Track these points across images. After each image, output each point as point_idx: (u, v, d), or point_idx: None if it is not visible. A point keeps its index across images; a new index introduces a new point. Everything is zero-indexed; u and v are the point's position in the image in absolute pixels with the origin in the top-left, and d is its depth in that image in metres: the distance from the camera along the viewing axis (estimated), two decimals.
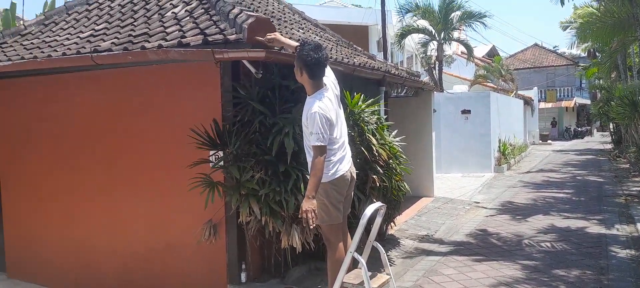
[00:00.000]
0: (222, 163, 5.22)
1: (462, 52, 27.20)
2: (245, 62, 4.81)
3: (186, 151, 5.39)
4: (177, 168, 5.62)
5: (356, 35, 15.95)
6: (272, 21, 5.35)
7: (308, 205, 3.91)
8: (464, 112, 16.17)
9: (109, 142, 6.12)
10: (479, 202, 11.11)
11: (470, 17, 20.56)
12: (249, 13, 4.87)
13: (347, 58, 7.12)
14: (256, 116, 5.16)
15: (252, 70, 4.93)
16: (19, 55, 5.93)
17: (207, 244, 5.40)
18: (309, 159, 4.14)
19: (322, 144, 3.99)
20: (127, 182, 6.07)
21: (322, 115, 3.98)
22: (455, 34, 22.44)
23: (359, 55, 9.41)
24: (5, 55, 6.13)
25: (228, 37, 4.68)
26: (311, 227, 4.01)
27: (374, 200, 5.73)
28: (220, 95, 5.42)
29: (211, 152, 5.39)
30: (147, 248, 5.97)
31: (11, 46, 6.71)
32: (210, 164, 5.32)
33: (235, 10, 5.10)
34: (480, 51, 35.78)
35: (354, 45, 10.45)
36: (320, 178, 4.00)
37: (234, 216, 5.32)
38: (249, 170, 5.04)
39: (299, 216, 4.02)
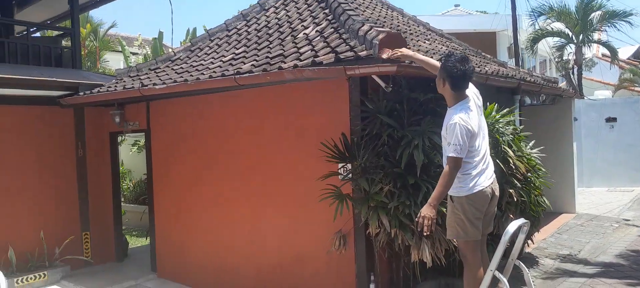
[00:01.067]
0: (350, 175, 5.34)
1: (603, 55, 24.65)
2: (374, 76, 4.89)
3: (317, 164, 5.62)
4: (308, 180, 5.87)
5: (483, 42, 15.32)
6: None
7: (427, 211, 3.86)
8: (609, 119, 14.60)
9: (248, 155, 6.59)
10: (629, 220, 9.92)
11: (613, 17, 18.56)
12: (379, 29, 4.95)
13: (478, 67, 6.87)
14: (384, 129, 5.19)
15: (382, 84, 4.99)
16: (171, 78, 6.67)
17: (336, 255, 5.54)
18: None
19: (458, 156, 3.89)
20: (263, 193, 6.47)
21: (462, 126, 3.89)
22: (595, 36, 20.41)
23: (489, 63, 9.02)
24: (159, 79, 6.94)
25: (359, 53, 4.79)
26: (425, 234, 3.94)
27: (511, 215, 5.43)
28: (348, 109, 5.56)
29: (340, 165, 5.54)
30: (280, 256, 6.29)
31: (164, 71, 7.58)
32: (340, 177, 5.46)
33: (365, 28, 5.21)
34: (625, 52, 32.09)
35: (482, 53, 10.04)
36: (446, 189, 3.93)
37: (363, 228, 5.39)
38: (377, 182, 5.08)
39: (415, 219, 3.97)
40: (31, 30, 9.92)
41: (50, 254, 7.83)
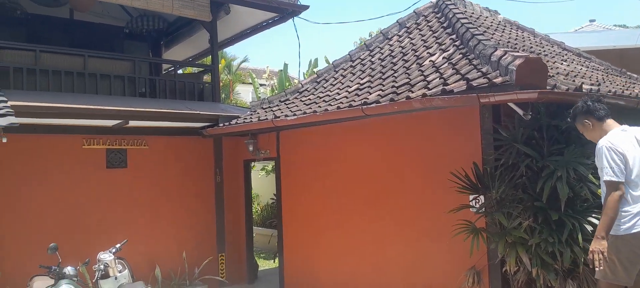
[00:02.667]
0: (484, 209, 5.08)
1: None
2: (511, 104, 4.64)
3: (445, 194, 5.44)
4: (435, 211, 5.72)
5: (626, 60, 13.78)
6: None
7: (596, 245, 3.63)
8: None
9: (373, 184, 6.62)
10: None
11: None
12: (515, 54, 4.71)
13: (626, 89, 6.20)
14: (521, 159, 4.87)
15: (520, 112, 4.72)
16: (301, 110, 6.97)
17: None
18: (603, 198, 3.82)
19: (613, 179, 3.64)
20: (388, 222, 6.43)
21: (609, 148, 3.71)
22: None
23: (636, 83, 8.11)
24: (289, 110, 7.29)
25: (493, 80, 4.59)
26: (597, 269, 3.67)
27: None
28: (480, 138, 5.34)
29: (472, 196, 5.31)
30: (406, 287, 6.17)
31: (293, 102, 7.96)
32: (473, 209, 5.22)
33: (498, 52, 4.99)
34: None
35: (628, 73, 9.06)
36: (612, 218, 3.64)
37: (498, 265, 5.08)
38: (515, 216, 4.77)
39: (588, 256, 3.75)
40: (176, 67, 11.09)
41: (191, 273, 8.51)
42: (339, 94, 6.94)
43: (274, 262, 11.16)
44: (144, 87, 8.76)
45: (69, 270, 5.68)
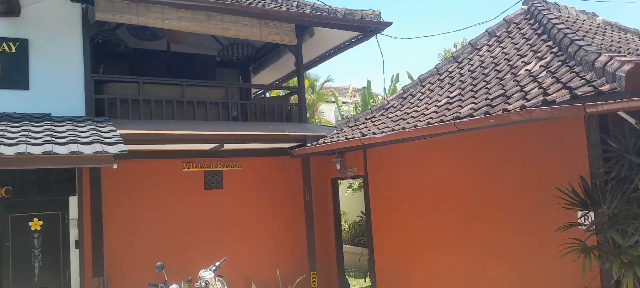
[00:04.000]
0: (594, 226, 4.70)
1: None
2: (621, 113, 4.28)
3: (549, 211, 5.13)
4: (539, 230, 5.39)
5: None
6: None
7: None
8: None
9: (467, 201, 6.38)
10: None
11: None
12: (622, 59, 4.35)
13: None
14: (635, 171, 4.47)
15: (631, 121, 4.34)
16: (388, 127, 6.92)
17: None
18: None
19: None
20: (485, 241, 6.15)
21: None
22: None
23: None
24: (377, 127, 7.27)
25: (600, 88, 4.27)
26: None
27: None
28: (587, 149, 4.98)
29: (580, 213, 4.94)
30: None
31: (379, 119, 7.93)
32: (582, 227, 4.85)
33: (603, 58, 4.64)
34: None
35: None
36: None
37: (614, 286, 4.66)
38: (631, 234, 4.37)
39: None
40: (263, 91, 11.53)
41: None
42: (428, 109, 6.81)
43: (365, 281, 11.08)
44: (236, 111, 9.18)
45: (174, 287, 6.03)
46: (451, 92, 6.96)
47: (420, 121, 6.29)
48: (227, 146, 8.07)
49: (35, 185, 6.95)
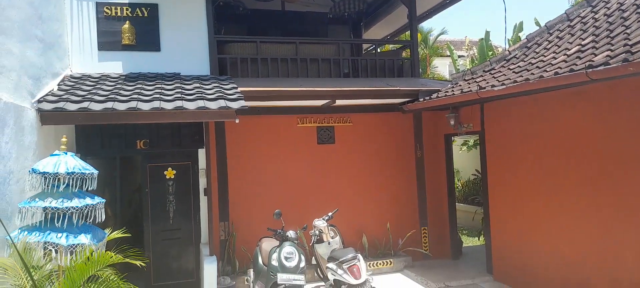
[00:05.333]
0: None
1: None
2: None
3: None
4: None
5: None
6: None
7: None
8: None
9: (598, 160, 5.81)
10: None
11: None
12: None
13: None
14: None
15: None
16: (509, 79, 6.48)
17: None
18: None
19: None
20: (618, 205, 5.58)
21: None
22: None
23: None
24: (496, 80, 6.84)
25: None
26: None
27: None
28: None
29: None
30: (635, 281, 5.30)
31: (499, 71, 7.44)
32: None
33: None
34: None
35: None
36: None
37: None
38: None
39: None
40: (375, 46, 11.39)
41: (394, 244, 8.77)
42: (556, 58, 6.23)
43: (478, 239, 10.78)
44: (348, 68, 9.22)
45: (290, 233, 6.38)
46: (583, 39, 6.28)
47: (547, 71, 5.79)
48: (339, 102, 8.17)
49: (169, 138, 7.69)
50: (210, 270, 6.61)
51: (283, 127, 8.50)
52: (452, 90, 7.63)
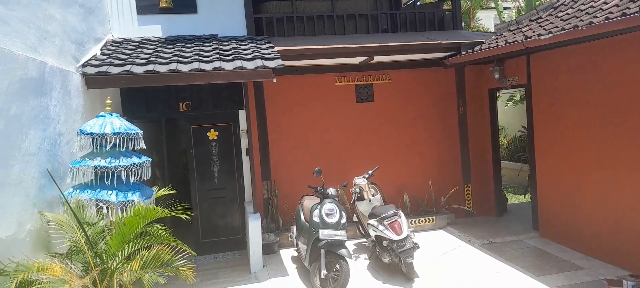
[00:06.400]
0: None
1: None
2: None
3: None
4: None
5: None
6: None
7: None
8: None
9: None
10: None
11: None
12: None
13: None
14: None
15: None
16: (557, 27, 6.14)
17: None
18: None
19: None
20: None
21: None
22: None
23: None
24: (543, 29, 6.51)
25: None
26: None
27: None
28: None
29: None
30: None
31: (546, 19, 7.07)
32: None
33: None
34: None
35: None
36: None
37: None
38: None
39: None
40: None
41: (437, 202, 8.69)
42: (607, 3, 5.84)
43: (524, 197, 10.53)
44: (386, 24, 8.99)
45: (331, 191, 6.42)
46: None
47: (597, 17, 5.45)
48: (377, 59, 8.02)
49: (210, 100, 7.79)
50: (254, 226, 6.77)
51: (321, 86, 8.45)
52: (497, 42, 7.32)
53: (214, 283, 6.50)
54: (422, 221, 8.37)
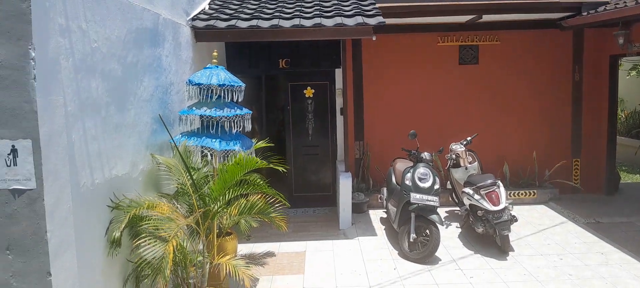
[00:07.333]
0: None
1: None
2: None
3: None
4: None
5: None
6: None
7: None
8: None
9: None
10: None
11: None
12: None
13: None
14: None
15: None
16: None
17: None
18: None
19: None
20: None
21: None
22: None
23: None
24: None
25: None
26: None
27: None
28: None
29: None
30: None
31: None
32: None
33: None
34: None
35: None
36: None
37: None
38: None
39: None
40: None
41: (540, 175, 8.15)
42: None
43: None
44: None
45: (425, 155, 6.25)
46: None
47: None
48: (486, 18, 7.52)
49: (309, 58, 7.83)
50: (345, 185, 6.82)
51: (422, 46, 8.15)
52: (624, 2, 6.52)
53: (304, 235, 6.70)
54: (521, 194, 7.92)
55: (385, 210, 6.95)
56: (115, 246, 3.66)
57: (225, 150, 4.52)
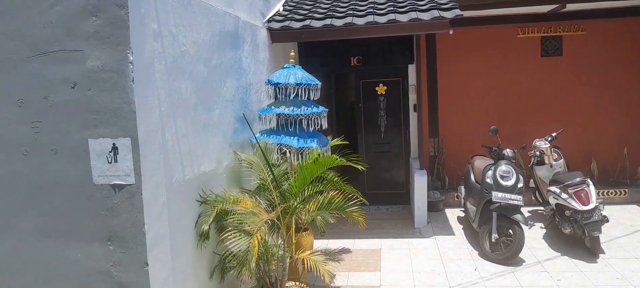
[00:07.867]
0: None
1: None
2: None
3: None
4: None
5: None
6: None
7: None
8: None
9: None
10: None
11: None
12: None
13: None
14: None
15: None
16: None
17: None
18: None
19: None
20: None
21: None
22: None
23: None
24: None
25: None
26: None
27: None
28: None
29: None
30: None
31: None
32: None
33: None
34: None
35: None
36: None
37: None
38: None
39: None
40: None
41: (632, 173, 7.59)
42: None
43: None
44: None
45: (507, 152, 6.01)
46: None
47: None
48: (570, 7, 7.10)
49: (380, 55, 7.78)
50: (420, 182, 6.71)
51: (500, 38, 7.83)
52: None
53: (378, 232, 6.67)
54: (611, 193, 7.41)
55: (462, 208, 6.76)
56: (204, 239, 3.83)
57: (303, 147, 4.59)
